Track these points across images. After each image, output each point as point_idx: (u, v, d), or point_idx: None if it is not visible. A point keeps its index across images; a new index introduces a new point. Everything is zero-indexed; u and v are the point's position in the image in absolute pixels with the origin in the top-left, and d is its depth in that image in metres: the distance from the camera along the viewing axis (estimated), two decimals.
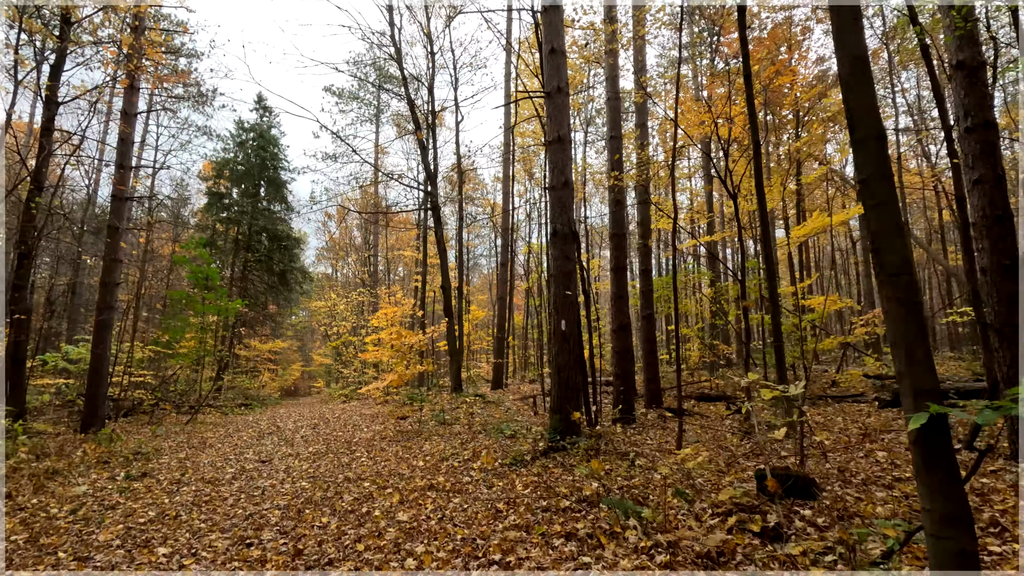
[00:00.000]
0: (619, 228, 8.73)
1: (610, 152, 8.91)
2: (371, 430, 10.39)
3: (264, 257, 22.99)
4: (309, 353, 39.34)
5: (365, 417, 12.53)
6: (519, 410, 11.30)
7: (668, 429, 7.62)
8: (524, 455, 5.91)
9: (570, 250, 6.39)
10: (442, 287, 14.83)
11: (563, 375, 6.14)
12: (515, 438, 7.64)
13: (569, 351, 6.18)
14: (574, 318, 6.27)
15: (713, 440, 6.44)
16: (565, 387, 6.11)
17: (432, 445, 7.90)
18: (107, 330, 11.16)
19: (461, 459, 6.43)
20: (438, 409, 11.38)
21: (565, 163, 6.59)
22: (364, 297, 24.06)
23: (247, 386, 19.61)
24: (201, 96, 25.68)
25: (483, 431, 8.69)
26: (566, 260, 6.38)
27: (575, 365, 6.17)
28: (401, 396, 15.27)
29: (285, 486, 6.23)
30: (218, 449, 9.39)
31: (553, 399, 6.25)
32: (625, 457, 5.52)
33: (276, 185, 24.16)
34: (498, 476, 5.34)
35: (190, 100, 25.72)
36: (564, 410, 6.03)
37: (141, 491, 6.27)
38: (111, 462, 7.97)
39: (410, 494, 5.05)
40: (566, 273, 6.35)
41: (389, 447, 8.22)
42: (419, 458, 6.95)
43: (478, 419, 10.23)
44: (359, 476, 6.22)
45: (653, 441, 6.54)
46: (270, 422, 13.23)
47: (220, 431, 11.73)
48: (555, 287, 6.38)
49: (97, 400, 10.87)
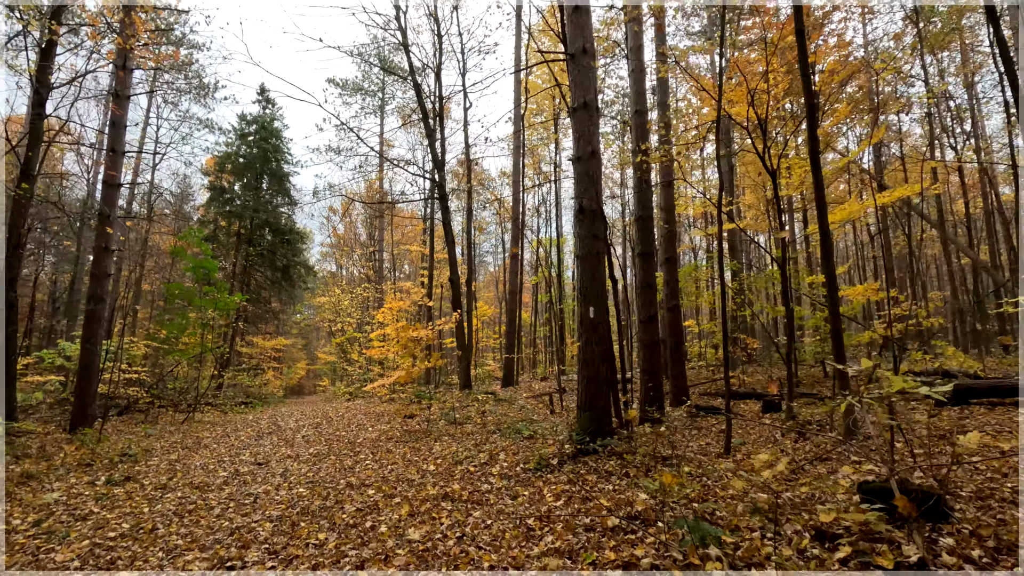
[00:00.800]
0: (645, 210, 8.00)
1: (635, 128, 8.19)
2: (376, 430, 9.72)
3: (266, 251, 22.40)
4: (314, 351, 38.80)
5: (370, 416, 11.88)
6: (534, 408, 10.60)
7: (703, 430, 6.90)
8: (549, 459, 5.21)
9: (599, 229, 5.69)
10: (450, 280, 14.15)
11: (591, 369, 5.44)
12: (534, 439, 6.95)
13: (598, 342, 5.48)
14: (604, 305, 5.57)
15: (760, 442, 5.72)
16: (594, 382, 5.41)
17: (443, 446, 7.22)
18: (97, 324, 10.55)
19: (477, 463, 5.73)
20: (447, 407, 10.71)
21: (592, 132, 5.88)
22: (369, 293, 23.42)
23: (248, 384, 19.00)
24: (203, 88, 25.21)
25: (498, 431, 8.00)
26: (594, 240, 5.67)
27: (605, 358, 5.46)
28: (408, 394, 14.61)
29: (280, 492, 5.56)
30: (213, 450, 8.75)
31: (580, 396, 5.55)
32: (667, 462, 4.81)
33: (279, 177, 23.56)
34: (522, 484, 4.64)
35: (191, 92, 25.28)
36: (595, 408, 5.32)
37: (120, 498, 5.61)
38: (95, 464, 7.34)
39: (421, 504, 4.36)
40: (594, 255, 5.64)
41: (396, 448, 7.55)
42: (429, 461, 6.27)
43: (491, 418, 9.54)
44: (363, 482, 5.54)
45: (692, 443, 5.83)
46: (271, 421, 12.60)
47: (217, 431, 11.11)
48: (581, 271, 5.67)
49: (87, 398, 10.26)
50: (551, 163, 27.75)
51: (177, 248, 12.47)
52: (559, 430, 7.09)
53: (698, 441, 5.96)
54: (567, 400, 10.92)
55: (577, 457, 5.12)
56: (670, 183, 9.46)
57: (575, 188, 5.84)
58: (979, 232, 25.11)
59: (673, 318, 8.97)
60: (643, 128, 8.10)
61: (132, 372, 13.22)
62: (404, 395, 14.34)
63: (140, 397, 12.85)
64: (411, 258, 34.48)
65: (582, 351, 5.54)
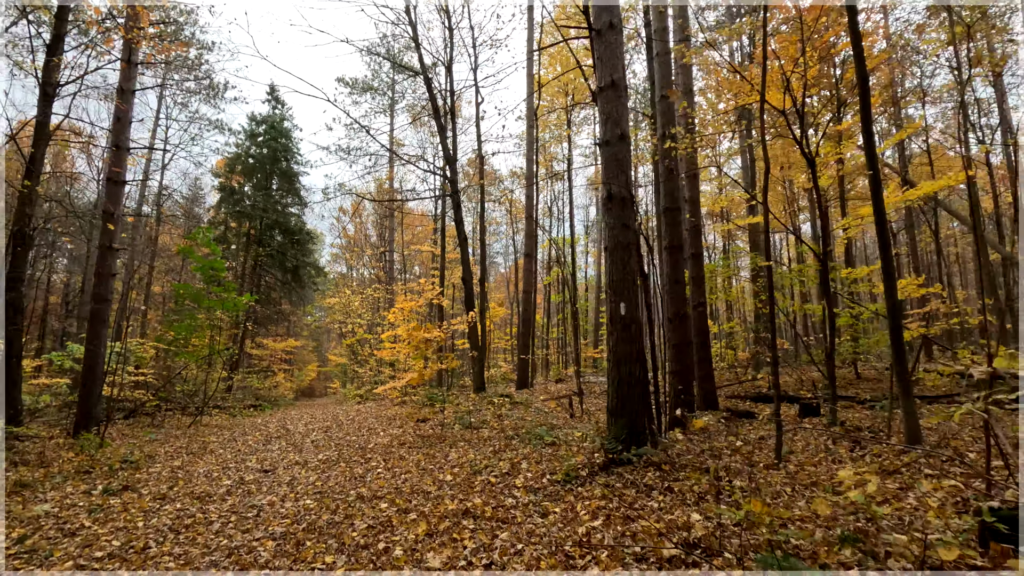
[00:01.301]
0: (673, 202, 7.50)
1: (660, 115, 7.70)
2: (388, 434, 9.31)
3: (276, 252, 22.14)
4: (325, 354, 38.60)
5: (381, 419, 11.47)
6: (552, 412, 10.12)
7: (740, 436, 6.38)
8: (578, 469, 4.74)
9: (629, 217, 5.21)
10: (463, 279, 13.73)
11: (623, 369, 4.96)
12: (557, 446, 6.48)
13: (630, 340, 5.00)
14: (636, 301, 5.09)
15: (809, 450, 5.20)
16: (626, 385, 4.93)
17: (459, 453, 6.77)
18: (101, 324, 10.24)
19: (498, 473, 5.28)
20: (462, 411, 10.26)
21: (620, 113, 5.41)
22: (380, 293, 23.08)
23: (258, 386, 18.70)
24: (212, 88, 25.07)
25: (516, 437, 7.54)
26: (624, 229, 5.19)
27: (638, 358, 4.98)
28: (419, 396, 14.19)
29: (286, 504, 5.15)
30: (218, 456, 8.38)
31: (611, 400, 5.07)
32: (708, 474, 4.32)
33: (288, 177, 23.32)
34: (551, 498, 4.18)
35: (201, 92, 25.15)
36: (627, 414, 4.84)
37: (115, 510, 5.23)
38: (94, 472, 6.98)
39: (440, 522, 3.91)
40: (624, 246, 5.16)
41: (409, 455, 7.11)
42: (446, 470, 5.82)
43: (508, 422, 9.09)
44: (375, 494, 5.10)
45: (735, 452, 5.32)
46: (279, 425, 12.24)
47: (224, 434, 10.76)
48: (610, 263, 5.20)
49: (91, 401, 9.96)
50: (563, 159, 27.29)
51: (185, 247, 12.16)
52: (583, 436, 6.61)
53: (742, 450, 5.45)
54: (586, 403, 10.44)
55: (609, 468, 4.65)
56: (695, 175, 8.96)
57: (603, 174, 5.37)
58: (1006, 228, 24.24)
59: (699, 317, 8.46)
60: (670, 114, 7.61)
61: (139, 375, 12.93)
62: (416, 398, 13.93)
63: (147, 400, 12.55)
64: (422, 259, 34.18)
65: (612, 351, 5.07)
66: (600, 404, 10.79)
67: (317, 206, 36.99)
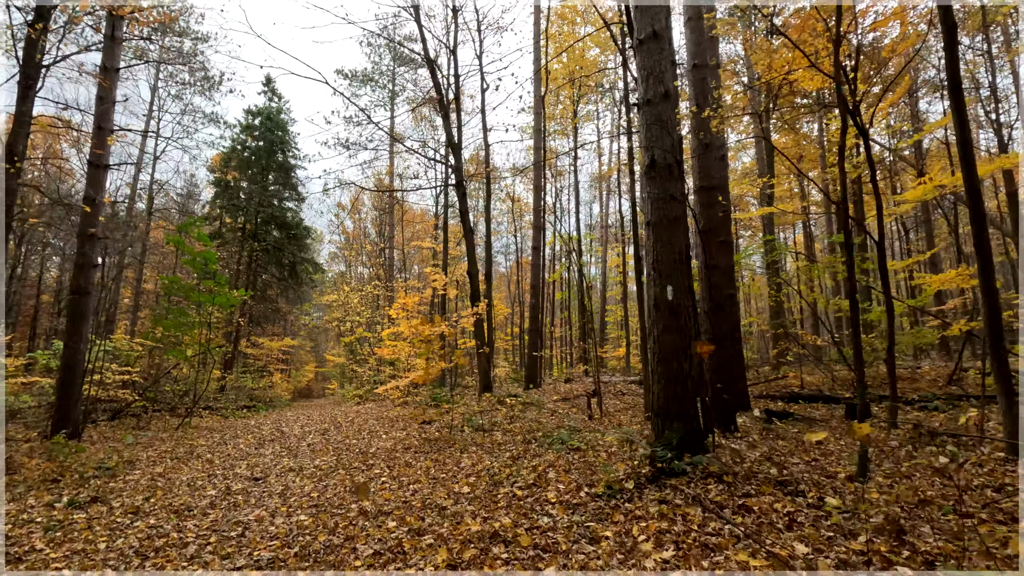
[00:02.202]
0: (708, 180, 6.78)
1: (693, 86, 6.99)
2: (391, 437, 8.57)
3: (272, 248, 21.36)
4: (323, 353, 37.81)
5: (383, 421, 10.73)
6: (567, 413, 9.40)
7: (790, 440, 5.66)
8: (621, 481, 4.01)
9: (676, 188, 4.50)
10: (468, 273, 13.01)
11: (671, 365, 4.24)
12: (583, 452, 5.76)
13: (680, 329, 4.28)
14: (685, 284, 4.37)
15: (891, 459, 4.47)
16: (675, 382, 4.21)
17: (472, 460, 6.04)
18: (81, 319, 9.49)
19: (523, 484, 4.54)
20: (470, 412, 9.53)
21: (664, 68, 4.70)
22: (379, 291, 22.33)
23: (252, 386, 17.93)
24: (207, 80, 24.32)
25: (534, 441, 6.82)
26: (670, 202, 4.47)
27: (688, 351, 4.26)
28: (422, 397, 13.45)
29: (277, 521, 4.41)
30: (205, 461, 7.64)
31: (657, 399, 4.34)
32: (783, 488, 3.59)
33: (285, 170, 22.56)
34: (597, 518, 3.45)
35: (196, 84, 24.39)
36: (682, 415, 4.12)
37: (78, 527, 4.49)
38: (63, 480, 6.23)
39: (463, 549, 3.18)
40: (671, 220, 4.45)
41: (416, 461, 6.38)
42: (460, 479, 5.09)
43: (521, 424, 8.36)
44: (380, 508, 4.37)
45: (794, 458, 4.59)
46: (274, 427, 11.49)
47: (215, 437, 10.01)
48: (655, 240, 4.48)
49: (70, 401, 9.20)
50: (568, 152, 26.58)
51: (175, 238, 11.41)
52: (614, 441, 5.88)
53: (800, 456, 4.73)
54: (605, 403, 9.71)
55: (659, 479, 3.92)
56: (724, 156, 8.22)
57: (643, 138, 4.65)
58: None
59: (730, 309, 7.73)
60: (702, 85, 6.89)
61: (124, 373, 12.16)
62: (419, 398, 13.20)
63: (133, 400, 11.78)
64: (422, 256, 33.44)
65: (658, 342, 4.35)
66: (619, 405, 10.07)
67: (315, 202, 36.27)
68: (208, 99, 23.76)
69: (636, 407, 9.58)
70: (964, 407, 7.08)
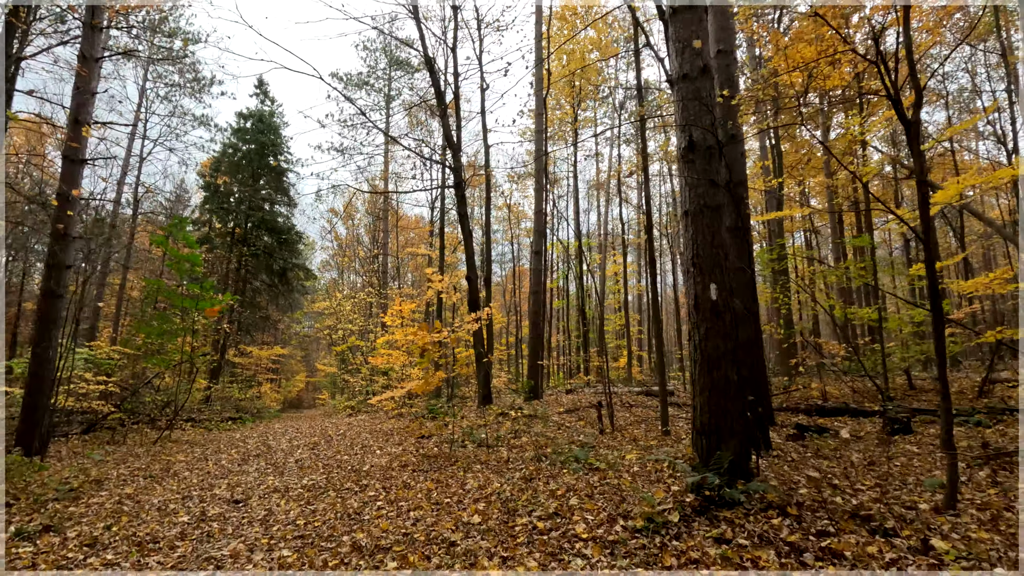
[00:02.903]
0: (736, 173, 6.26)
1: (718, 72, 6.50)
2: (386, 453, 7.92)
3: (262, 253, 20.66)
4: (314, 363, 36.94)
5: (377, 434, 10.06)
6: (575, 427, 8.79)
7: (832, 458, 5.08)
8: (662, 512, 3.41)
9: (716, 171, 3.96)
10: (467, 278, 12.42)
11: (716, 374, 3.67)
12: (603, 472, 5.15)
13: (725, 334, 3.72)
14: (729, 281, 3.81)
15: (966, 484, 3.90)
16: (721, 394, 3.63)
17: (479, 481, 5.41)
18: (51, 324, 8.78)
19: (542, 511, 3.93)
20: (471, 425, 8.89)
21: (703, 39, 4.17)
22: (372, 298, 21.65)
23: (239, 397, 17.15)
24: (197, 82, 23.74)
25: (545, 458, 6.20)
26: (711, 188, 3.93)
27: (735, 357, 3.69)
28: (418, 408, 12.78)
29: (255, 557, 3.78)
30: (182, 480, 6.95)
31: (701, 414, 3.76)
32: (865, 524, 3.00)
33: (276, 174, 21.94)
34: (643, 561, 2.85)
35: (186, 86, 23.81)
36: (731, 434, 3.54)
37: (21, 564, 3.82)
38: (17, 504, 5.53)
39: None
40: (713, 209, 3.90)
41: (415, 481, 5.74)
42: (468, 505, 4.47)
43: (527, 439, 7.74)
44: (377, 542, 3.74)
45: (858, 484, 4.01)
46: (261, 440, 10.79)
47: (195, 452, 9.30)
48: (694, 232, 3.93)
49: (36, 413, 8.47)
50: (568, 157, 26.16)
51: (159, 238, 10.75)
52: (630, 459, 5.28)
53: (857, 479, 4.15)
54: (614, 416, 9.10)
55: (709, 510, 3.33)
56: (743, 153, 7.72)
57: (679, 116, 4.12)
58: None
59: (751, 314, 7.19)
60: (728, 71, 6.40)
61: (99, 383, 11.40)
62: (414, 409, 12.54)
63: (109, 412, 11.03)
64: (416, 263, 32.82)
65: (700, 348, 3.78)
66: (629, 417, 9.47)
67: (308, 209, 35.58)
68: (198, 101, 23.17)
69: (648, 420, 8.98)
70: (1009, 420, 6.54)
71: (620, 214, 16.49)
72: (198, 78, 23.82)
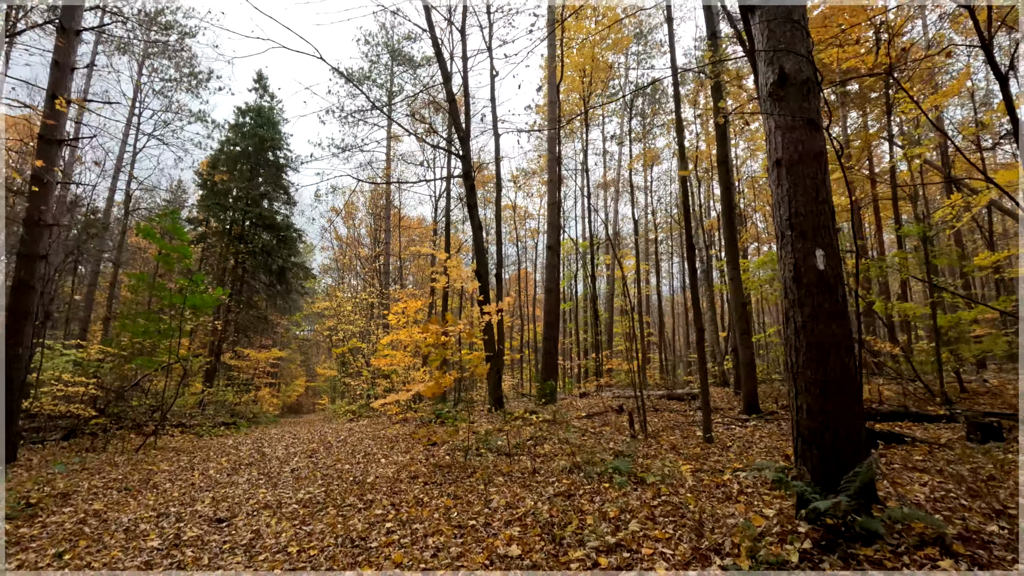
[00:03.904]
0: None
1: None
2: (392, 462, 7.07)
3: (260, 251, 19.85)
4: (313, 367, 36.09)
5: (381, 441, 9.21)
6: (601, 432, 7.94)
7: (936, 472, 4.23)
8: (770, 546, 2.57)
9: (815, 110, 3.15)
10: (477, 273, 11.61)
11: (832, 364, 2.86)
12: (653, 486, 4.31)
13: (837, 314, 2.90)
14: (836, 247, 2.99)
15: None
16: (839, 390, 2.81)
17: (505, 496, 4.57)
18: (23, 319, 7.96)
19: (600, 542, 3.09)
20: (484, 431, 8.04)
21: None
22: (374, 298, 20.83)
23: (234, 401, 16.28)
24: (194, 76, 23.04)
25: (578, 469, 5.36)
26: (809, 131, 3.13)
27: (849, 345, 2.87)
28: (424, 413, 11.93)
29: None
30: (161, 493, 6.11)
31: (805, 418, 2.93)
32: None
33: (275, 169, 21.17)
34: None
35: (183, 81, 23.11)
36: (854, 440, 2.70)
37: None
38: None
39: None
40: (814, 156, 3.10)
41: (429, 497, 4.89)
42: (498, 528, 3.63)
43: (550, 447, 6.90)
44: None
45: (996, 503, 3.17)
46: (255, 447, 9.94)
47: (182, 460, 8.45)
48: (791, 185, 3.12)
49: (6, 417, 7.63)
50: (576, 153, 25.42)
51: (145, 227, 9.94)
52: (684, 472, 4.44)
53: (993, 499, 3.31)
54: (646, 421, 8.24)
55: (838, 546, 2.49)
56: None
57: (764, 43, 3.31)
58: None
59: None
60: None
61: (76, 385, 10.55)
62: (421, 414, 11.69)
63: (91, 416, 10.19)
64: (418, 264, 32.03)
65: (803, 333, 2.95)
66: (658, 422, 8.62)
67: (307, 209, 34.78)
68: (195, 96, 22.45)
69: (681, 426, 8.14)
70: None
71: (633, 212, 15.65)
72: (194, 72, 23.15)
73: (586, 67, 18.83)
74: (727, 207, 9.14)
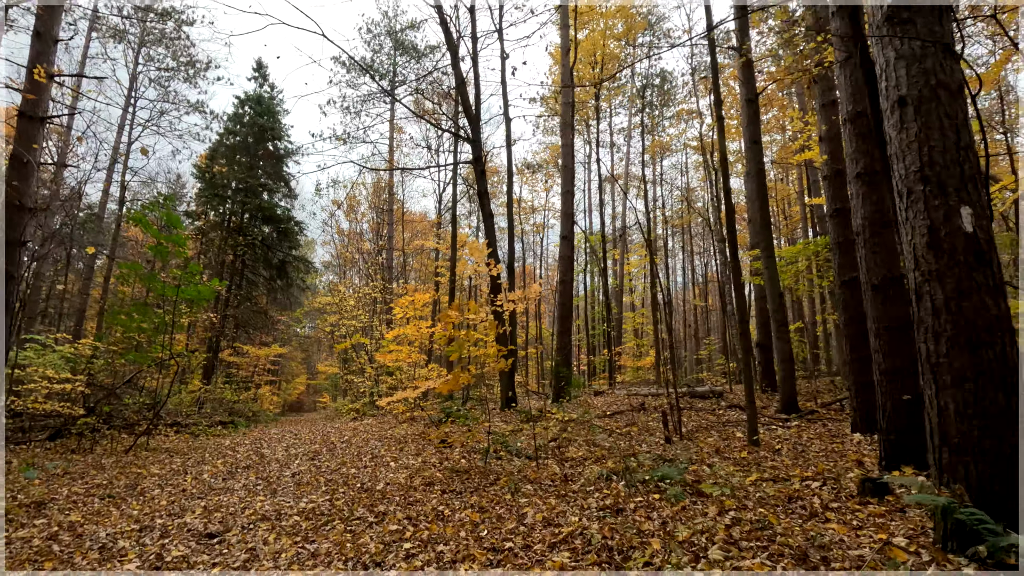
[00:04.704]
0: (864, 103, 4.77)
1: None
2: (403, 466, 6.44)
3: (259, 244, 19.21)
4: (314, 366, 35.50)
5: (388, 442, 8.59)
6: (628, 433, 7.31)
7: None
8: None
9: (949, 34, 2.51)
10: (487, 263, 10.96)
11: (988, 354, 2.22)
12: (716, 500, 3.68)
13: (993, 287, 2.26)
14: (984, 204, 2.35)
15: None
16: (998, 386, 2.17)
17: (541, 510, 3.94)
18: (7, 310, 7.34)
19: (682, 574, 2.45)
20: (499, 431, 7.42)
21: None
22: (377, 293, 20.19)
23: (232, 399, 15.66)
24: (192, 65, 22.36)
25: (615, 476, 4.73)
26: (946, 57, 2.48)
27: (1005, 325, 2.23)
28: (431, 411, 11.29)
29: None
30: (148, 501, 5.48)
31: (954, 421, 2.30)
32: None
33: (275, 159, 20.53)
34: None
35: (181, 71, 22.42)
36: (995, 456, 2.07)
37: None
38: None
39: None
40: (952, 92, 2.45)
41: (451, 510, 4.26)
42: (541, 552, 3.02)
43: (577, 450, 6.28)
44: None
45: None
46: (253, 448, 9.34)
47: (174, 463, 7.84)
48: (920, 127, 2.48)
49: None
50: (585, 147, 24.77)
51: (137, 214, 9.30)
52: (748, 483, 3.81)
53: None
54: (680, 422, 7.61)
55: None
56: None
57: None
58: None
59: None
60: None
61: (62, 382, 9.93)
62: (429, 412, 11.06)
63: (79, 415, 9.56)
64: (420, 260, 31.41)
65: (948, 311, 2.30)
66: (689, 423, 7.98)
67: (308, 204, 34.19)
68: (193, 86, 21.76)
69: (716, 426, 7.51)
70: None
71: (646, 204, 15.03)
72: (192, 61, 22.48)
73: (597, 53, 18.18)
74: (760, 190, 8.50)
